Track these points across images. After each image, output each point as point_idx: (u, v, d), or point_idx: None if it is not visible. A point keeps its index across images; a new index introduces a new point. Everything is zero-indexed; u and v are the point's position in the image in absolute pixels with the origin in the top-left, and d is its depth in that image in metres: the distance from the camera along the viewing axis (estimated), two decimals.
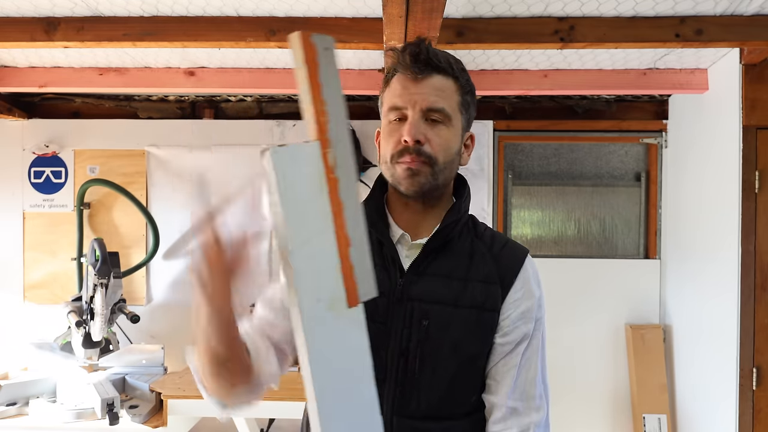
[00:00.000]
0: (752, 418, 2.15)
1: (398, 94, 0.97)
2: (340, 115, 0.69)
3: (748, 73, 2.12)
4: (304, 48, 0.66)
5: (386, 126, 1.00)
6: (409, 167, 0.95)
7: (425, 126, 0.96)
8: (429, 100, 0.95)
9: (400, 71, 0.97)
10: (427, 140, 0.95)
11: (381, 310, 0.96)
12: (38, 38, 1.88)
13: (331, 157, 0.68)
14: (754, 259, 2.14)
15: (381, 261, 1.00)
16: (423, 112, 0.96)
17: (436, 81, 0.96)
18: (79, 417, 2.15)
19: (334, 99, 0.68)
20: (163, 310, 2.87)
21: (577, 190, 2.92)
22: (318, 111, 0.67)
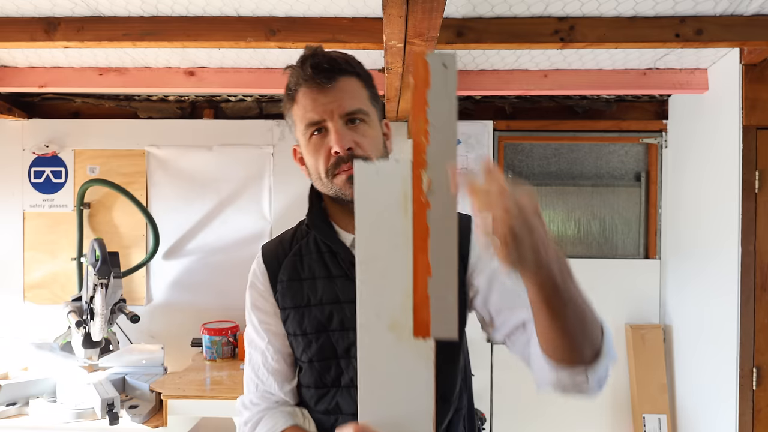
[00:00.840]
0: (752, 418, 2.15)
1: (311, 108, 0.95)
2: (446, 138, 0.65)
3: (748, 73, 2.12)
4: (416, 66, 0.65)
5: (307, 143, 0.98)
6: (349, 175, 0.95)
7: (349, 131, 0.95)
8: (344, 105, 0.95)
9: (305, 85, 0.95)
10: (356, 144, 0.95)
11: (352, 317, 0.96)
12: (38, 38, 1.87)
13: (425, 180, 0.65)
14: (754, 259, 2.14)
15: (341, 270, 1.01)
16: (343, 118, 0.95)
17: (343, 84, 0.96)
18: (79, 417, 2.15)
19: (442, 121, 0.65)
20: (163, 310, 2.87)
21: (577, 190, 2.92)
22: (417, 130, 0.64)
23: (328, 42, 1.86)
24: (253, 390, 1.08)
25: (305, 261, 1.04)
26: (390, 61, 1.80)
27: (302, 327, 1.01)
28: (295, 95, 0.97)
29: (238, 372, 2.48)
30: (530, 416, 2.83)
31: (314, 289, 1.01)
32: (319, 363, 1.00)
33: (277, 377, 1.05)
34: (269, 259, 1.07)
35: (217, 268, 2.86)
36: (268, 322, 1.06)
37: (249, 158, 2.87)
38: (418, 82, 0.65)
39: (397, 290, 0.67)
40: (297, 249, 1.06)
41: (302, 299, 1.02)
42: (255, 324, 1.07)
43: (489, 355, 2.84)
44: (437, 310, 0.66)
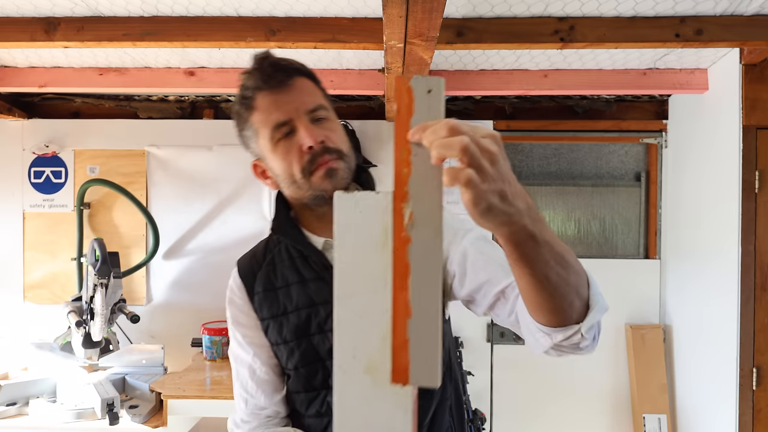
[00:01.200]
0: (752, 418, 2.15)
1: (275, 109, 0.94)
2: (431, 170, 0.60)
3: (748, 73, 2.12)
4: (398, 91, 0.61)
5: (275, 148, 0.96)
6: (327, 168, 0.93)
7: (316, 127, 0.95)
8: (307, 102, 0.95)
9: (265, 88, 0.94)
10: (326, 138, 0.94)
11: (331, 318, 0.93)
12: (38, 38, 1.88)
13: (407, 213, 0.60)
14: (754, 259, 2.14)
15: (314, 273, 1.00)
16: (308, 115, 0.94)
17: (300, 83, 0.96)
18: (79, 417, 2.15)
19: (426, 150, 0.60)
20: (163, 310, 2.87)
21: (577, 190, 2.92)
22: (400, 160, 0.60)
23: (328, 42, 1.86)
24: (242, 407, 1.07)
25: (278, 269, 1.04)
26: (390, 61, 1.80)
27: (282, 335, 1.01)
28: (252, 102, 0.96)
29: None
30: (530, 416, 2.83)
31: (289, 296, 1.01)
32: (305, 368, 1.00)
33: (267, 388, 1.05)
34: (245, 273, 1.08)
35: (217, 268, 2.86)
36: (251, 335, 1.05)
37: (249, 158, 2.85)
38: (401, 108, 0.61)
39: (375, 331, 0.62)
40: (270, 259, 1.07)
41: (279, 308, 1.01)
42: (239, 339, 1.07)
43: (489, 355, 2.84)
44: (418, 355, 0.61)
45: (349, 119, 2.79)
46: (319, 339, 0.99)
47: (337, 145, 0.96)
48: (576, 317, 0.76)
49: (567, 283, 0.72)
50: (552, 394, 2.83)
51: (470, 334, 2.82)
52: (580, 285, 0.75)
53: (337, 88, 2.41)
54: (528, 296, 0.75)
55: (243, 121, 0.99)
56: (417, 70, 1.88)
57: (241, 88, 0.98)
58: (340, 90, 2.43)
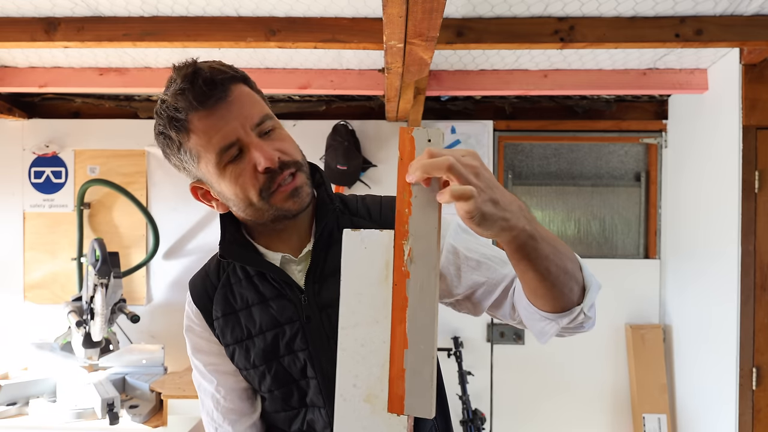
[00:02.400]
0: (752, 418, 2.15)
1: (216, 132, 0.81)
2: (429, 209, 0.66)
3: (748, 73, 2.12)
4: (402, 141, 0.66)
5: (222, 173, 0.84)
6: (291, 188, 0.85)
7: (267, 141, 0.85)
8: (252, 114, 0.84)
9: (201, 107, 0.81)
10: (281, 152, 0.85)
11: (299, 336, 0.93)
12: (38, 38, 1.88)
13: (407, 250, 0.66)
14: (754, 259, 2.14)
15: (274, 291, 0.94)
16: (255, 130, 0.84)
17: (238, 94, 0.84)
18: (79, 417, 2.15)
19: (425, 193, 0.66)
20: (163, 310, 2.87)
21: (577, 190, 2.92)
22: (402, 201, 0.66)
23: (328, 42, 1.87)
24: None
25: (235, 290, 0.96)
26: (390, 61, 1.80)
27: (250, 361, 0.95)
28: (187, 124, 0.82)
29: None
30: (530, 416, 2.84)
31: (252, 319, 0.94)
32: (279, 390, 0.96)
33: (233, 416, 1.00)
34: (199, 298, 0.99)
35: None
36: (215, 362, 0.99)
37: None
38: (404, 155, 0.66)
39: (375, 361, 0.66)
40: (225, 279, 0.98)
41: (242, 332, 0.95)
42: (200, 368, 1.01)
43: (489, 355, 2.84)
44: (413, 385, 0.65)
45: (349, 119, 2.79)
46: (290, 360, 0.94)
47: (293, 157, 0.87)
48: (576, 300, 0.80)
49: (565, 272, 0.77)
50: (552, 393, 2.83)
51: (470, 334, 2.82)
52: (575, 270, 0.79)
53: (337, 88, 2.42)
54: (532, 290, 0.78)
55: (175, 144, 0.85)
56: (417, 70, 1.88)
57: (167, 108, 0.84)
58: (340, 90, 2.43)
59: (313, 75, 2.42)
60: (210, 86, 0.81)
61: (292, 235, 0.95)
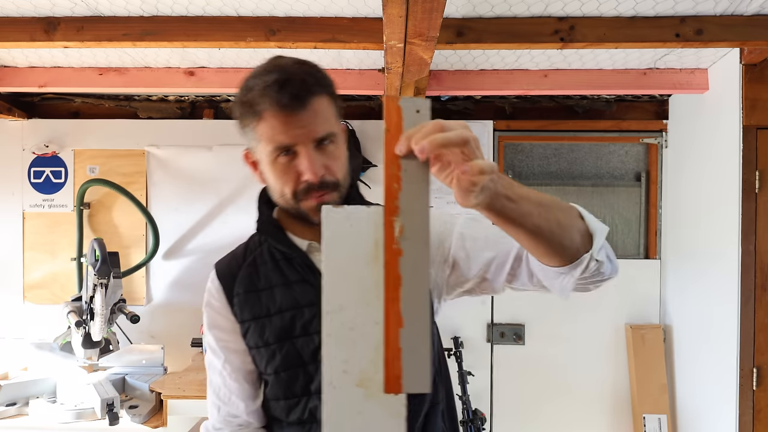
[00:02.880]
0: (752, 418, 2.15)
1: (281, 131, 0.89)
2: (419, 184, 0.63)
3: (748, 73, 2.12)
4: (387, 111, 0.63)
5: (273, 162, 0.92)
6: (319, 201, 0.91)
7: (319, 155, 0.91)
8: (317, 130, 0.90)
9: (278, 108, 0.88)
10: (326, 169, 0.92)
11: (316, 319, 0.95)
12: (38, 38, 1.87)
13: (398, 227, 0.63)
14: (754, 259, 2.14)
15: (298, 275, 0.99)
16: (314, 142, 0.90)
17: (316, 105, 0.90)
18: (79, 417, 2.15)
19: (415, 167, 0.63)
20: (163, 310, 2.87)
21: (577, 190, 2.92)
22: (390, 175, 0.63)
23: (328, 42, 1.86)
24: (215, 414, 1.05)
25: (261, 271, 1.02)
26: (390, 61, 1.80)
27: (264, 338, 0.99)
28: (261, 113, 0.90)
29: None
30: (530, 416, 2.83)
31: (273, 298, 0.99)
32: (286, 372, 0.98)
33: (239, 396, 1.03)
34: (223, 275, 1.05)
35: None
36: (226, 339, 1.04)
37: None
38: (391, 127, 0.63)
39: (367, 343, 0.63)
40: (251, 260, 1.04)
41: (261, 310, 0.99)
42: (212, 344, 1.05)
43: (489, 355, 2.84)
44: (410, 363, 0.63)
45: (349, 119, 2.79)
46: (303, 342, 0.97)
47: (335, 177, 0.93)
48: (583, 249, 0.80)
49: (559, 224, 0.77)
50: (552, 394, 2.83)
51: (470, 334, 2.82)
52: (572, 220, 0.80)
53: (337, 88, 2.41)
54: (531, 248, 0.80)
55: (245, 121, 0.94)
56: (417, 70, 1.88)
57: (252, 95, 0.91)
58: (340, 90, 2.40)
59: None
60: (293, 98, 0.88)
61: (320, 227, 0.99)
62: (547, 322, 2.79)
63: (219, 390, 1.04)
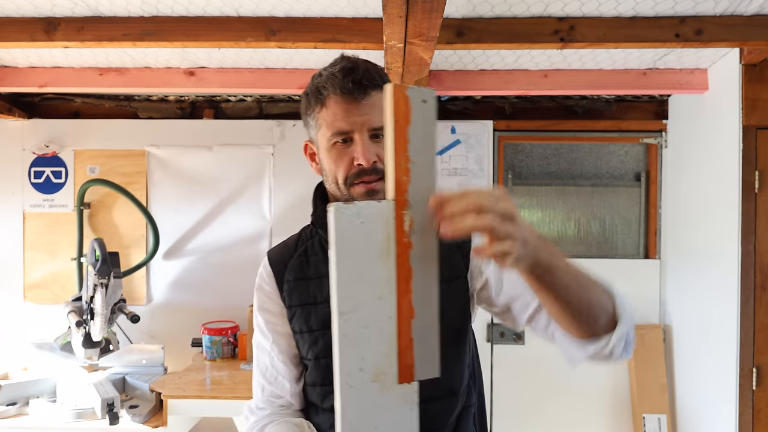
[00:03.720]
0: (752, 418, 2.15)
1: (341, 118, 0.96)
2: (428, 175, 0.63)
3: (748, 73, 2.12)
4: (395, 100, 0.62)
5: (330, 149, 1.00)
6: (368, 188, 0.97)
7: (373, 144, 0.97)
8: (373, 120, 0.96)
9: (341, 95, 0.96)
10: (378, 158, 0.97)
11: None
12: (38, 38, 1.88)
13: (408, 220, 0.63)
14: (754, 259, 2.14)
15: None
16: (369, 131, 0.97)
17: (375, 98, 0.97)
18: (79, 417, 2.15)
19: (423, 158, 0.63)
20: (163, 310, 2.87)
21: (577, 190, 2.92)
22: (399, 168, 0.62)
23: (328, 42, 1.87)
24: (259, 394, 1.09)
25: (311, 261, 1.07)
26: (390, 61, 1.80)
27: (308, 324, 1.03)
28: (325, 100, 0.98)
29: (238, 372, 2.48)
30: (530, 416, 2.83)
31: (320, 287, 1.03)
32: (326, 359, 1.02)
33: (283, 377, 1.08)
34: (275, 261, 1.10)
35: (217, 268, 2.86)
36: (274, 322, 1.08)
37: (249, 158, 2.87)
38: (399, 118, 0.62)
39: (382, 338, 0.63)
40: (303, 250, 1.09)
41: (309, 297, 1.04)
42: (261, 326, 1.10)
43: (489, 355, 2.84)
44: (421, 352, 0.64)
45: None
46: None
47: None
48: (604, 330, 0.84)
49: (589, 302, 0.80)
50: (552, 394, 2.83)
51: None
52: (603, 301, 0.83)
53: None
54: (556, 317, 0.83)
55: (310, 108, 1.02)
56: (417, 70, 1.88)
57: (320, 81, 0.99)
58: None
59: None
60: (356, 85, 0.95)
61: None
62: None
63: (266, 370, 1.09)
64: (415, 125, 0.63)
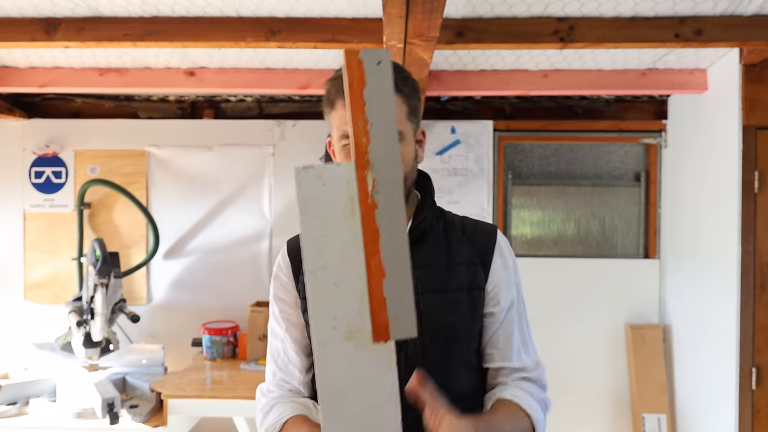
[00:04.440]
0: (752, 418, 2.16)
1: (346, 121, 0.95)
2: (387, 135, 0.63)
3: (748, 73, 2.12)
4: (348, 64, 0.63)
5: (341, 148, 1.02)
6: None
7: None
8: None
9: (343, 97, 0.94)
10: None
11: None
12: (39, 38, 1.88)
13: (370, 181, 0.64)
14: (754, 259, 2.14)
15: None
16: None
17: None
18: (80, 417, 2.16)
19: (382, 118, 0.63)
20: (163, 310, 2.87)
21: (576, 190, 2.92)
22: (358, 130, 0.63)
23: (328, 42, 1.87)
24: (270, 378, 1.11)
25: None
26: None
27: None
28: (334, 102, 1.01)
29: (238, 372, 2.48)
30: None
31: None
32: None
33: (295, 366, 1.09)
34: (293, 252, 1.11)
35: (217, 268, 2.86)
36: (289, 312, 1.09)
37: (249, 158, 2.87)
38: (353, 81, 0.63)
39: (353, 297, 0.65)
40: None
41: None
42: (276, 314, 1.11)
43: None
44: (395, 310, 0.65)
45: None
46: None
47: None
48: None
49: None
50: (552, 393, 2.81)
51: None
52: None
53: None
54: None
55: (326, 109, 1.05)
56: (417, 70, 1.88)
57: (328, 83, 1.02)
58: None
59: (313, 75, 2.42)
60: None
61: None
62: (546, 322, 2.79)
63: (278, 356, 1.10)
64: (371, 87, 0.63)
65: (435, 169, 2.84)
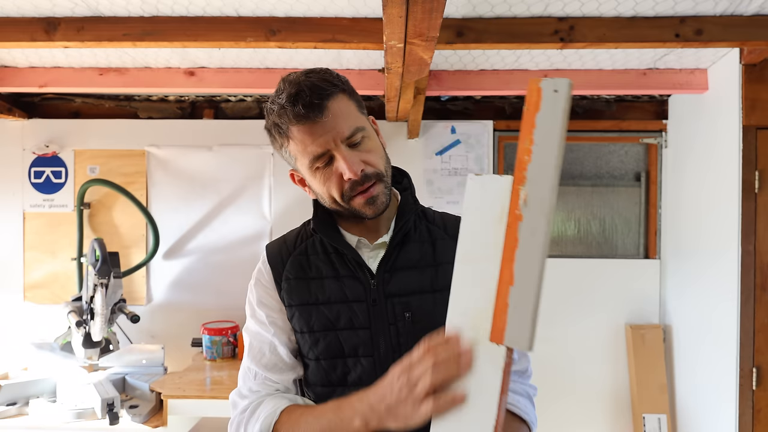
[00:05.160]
0: (752, 418, 2.15)
1: (310, 143, 0.95)
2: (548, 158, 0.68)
3: (748, 73, 2.12)
4: (528, 91, 0.70)
5: (315, 175, 0.99)
6: (368, 197, 0.98)
7: (355, 153, 0.96)
8: (343, 129, 0.95)
9: (297, 123, 0.94)
10: (365, 163, 0.97)
11: (361, 316, 1.00)
12: (38, 38, 1.88)
13: (522, 195, 0.70)
14: (754, 259, 2.14)
15: (348, 270, 1.03)
16: (344, 142, 0.95)
17: (334, 107, 0.94)
18: (79, 417, 2.15)
19: (546, 142, 0.68)
20: (163, 310, 2.87)
21: (577, 190, 2.92)
22: (522, 149, 0.69)
23: (328, 42, 1.86)
24: (251, 379, 1.07)
25: (312, 260, 1.06)
26: (390, 61, 1.80)
27: (309, 324, 1.02)
28: (288, 133, 0.96)
29: (238, 372, 2.48)
30: None
31: (322, 289, 1.03)
32: (326, 361, 1.01)
33: (283, 365, 1.06)
34: (273, 259, 1.09)
35: (217, 268, 2.86)
36: (274, 317, 1.07)
37: (249, 158, 2.87)
38: (529, 105, 0.69)
39: (484, 293, 0.72)
40: (303, 248, 1.08)
41: (309, 297, 1.03)
42: (262, 319, 1.07)
43: None
44: (513, 319, 0.69)
45: None
46: (348, 335, 1.01)
47: (376, 168, 0.99)
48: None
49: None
50: (552, 394, 2.83)
51: None
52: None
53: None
54: None
55: (278, 143, 1.01)
56: (417, 70, 1.88)
57: (270, 117, 0.98)
58: None
59: None
60: (308, 107, 0.92)
61: (373, 227, 1.06)
62: (547, 323, 2.78)
63: (262, 358, 1.06)
64: (543, 113, 0.69)
65: (435, 169, 2.84)
